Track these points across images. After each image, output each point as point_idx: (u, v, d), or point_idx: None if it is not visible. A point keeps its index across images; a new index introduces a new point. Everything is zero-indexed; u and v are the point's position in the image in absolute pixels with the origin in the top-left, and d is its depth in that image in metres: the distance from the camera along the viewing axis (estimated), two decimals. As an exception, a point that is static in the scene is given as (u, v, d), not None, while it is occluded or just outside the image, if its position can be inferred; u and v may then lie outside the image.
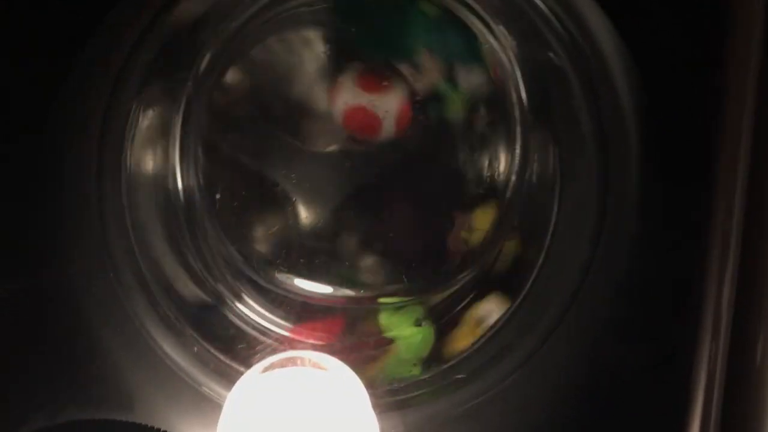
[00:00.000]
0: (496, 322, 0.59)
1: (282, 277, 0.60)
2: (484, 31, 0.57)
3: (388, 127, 0.57)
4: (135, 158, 0.55)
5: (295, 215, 0.59)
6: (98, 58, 0.52)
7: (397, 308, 0.61)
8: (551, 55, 0.54)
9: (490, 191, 0.59)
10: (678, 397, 0.52)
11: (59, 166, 0.52)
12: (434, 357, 0.59)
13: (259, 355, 0.59)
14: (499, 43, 0.57)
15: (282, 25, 0.58)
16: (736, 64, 0.48)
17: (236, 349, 0.59)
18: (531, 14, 0.53)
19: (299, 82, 0.58)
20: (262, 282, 0.60)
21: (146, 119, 0.56)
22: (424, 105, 0.58)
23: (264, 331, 0.61)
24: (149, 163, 0.58)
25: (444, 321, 0.61)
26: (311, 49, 0.58)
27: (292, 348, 0.59)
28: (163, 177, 0.59)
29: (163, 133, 0.58)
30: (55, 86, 0.51)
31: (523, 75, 0.57)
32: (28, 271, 0.52)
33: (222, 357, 0.57)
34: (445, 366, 0.59)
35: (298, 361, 0.53)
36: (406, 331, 0.60)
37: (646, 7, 0.49)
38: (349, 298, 0.61)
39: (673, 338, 0.52)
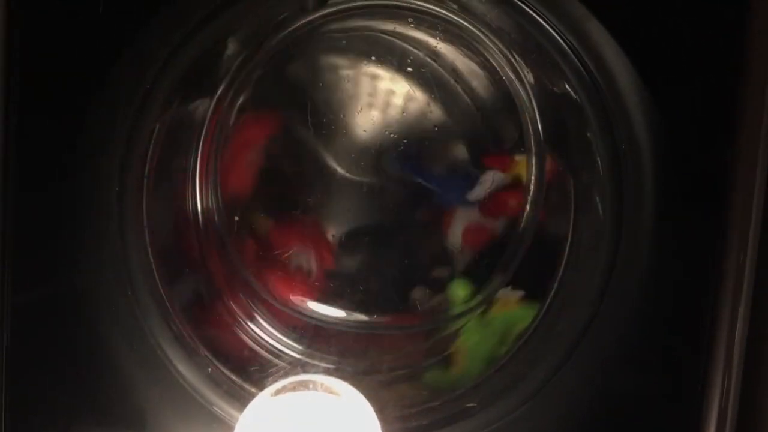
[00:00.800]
0: (507, 352, 0.59)
1: (296, 299, 0.61)
2: (503, 63, 0.58)
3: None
4: (156, 178, 0.56)
5: (312, 238, 0.60)
6: (125, 79, 0.53)
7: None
8: (567, 87, 0.54)
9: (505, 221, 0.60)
10: (689, 431, 0.52)
11: (82, 183, 0.53)
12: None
13: (271, 377, 0.59)
14: (516, 75, 0.58)
15: (305, 50, 0.60)
16: (751, 96, 0.49)
17: (249, 370, 0.59)
18: (548, 47, 0.53)
19: (323, 105, 0.59)
20: (276, 304, 0.61)
21: (169, 140, 0.57)
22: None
23: (277, 354, 0.61)
24: (170, 183, 0.59)
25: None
26: (338, 74, 0.59)
27: (304, 371, 0.60)
28: (183, 198, 0.60)
29: (184, 154, 0.60)
30: (82, 107, 0.52)
31: (539, 106, 0.58)
32: (48, 282, 0.53)
33: (235, 378, 0.58)
34: (455, 394, 0.59)
35: (310, 385, 0.54)
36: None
37: (661, 41, 0.50)
38: (362, 323, 0.61)
39: (685, 372, 0.52)
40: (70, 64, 0.52)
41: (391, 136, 0.59)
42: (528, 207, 0.59)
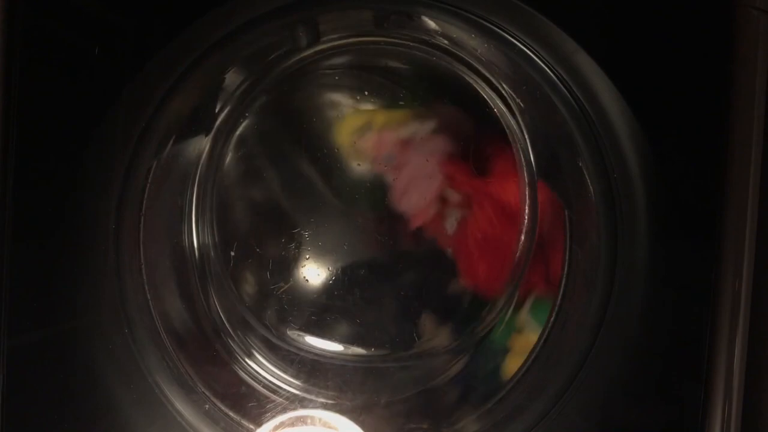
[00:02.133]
0: (507, 383, 0.58)
1: (293, 334, 0.61)
2: (493, 95, 0.59)
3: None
4: (152, 216, 0.57)
5: (308, 273, 0.60)
6: (121, 120, 0.53)
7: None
8: (558, 118, 0.55)
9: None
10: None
11: (79, 222, 0.53)
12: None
13: (269, 413, 0.59)
14: (507, 107, 0.59)
15: (298, 87, 0.60)
16: (740, 121, 0.49)
17: (247, 407, 0.58)
18: (538, 79, 0.54)
19: (317, 140, 0.60)
20: (273, 339, 0.61)
21: (165, 178, 0.57)
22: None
23: (275, 390, 0.61)
24: (167, 220, 0.60)
25: None
26: (332, 108, 0.60)
27: (303, 406, 0.59)
28: (179, 234, 0.60)
29: (180, 191, 0.60)
30: (79, 147, 0.52)
31: (530, 137, 0.59)
32: (45, 323, 0.53)
33: (233, 415, 0.57)
34: (456, 426, 0.59)
35: (308, 420, 0.53)
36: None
37: (649, 70, 0.51)
38: (360, 356, 0.61)
39: (685, 400, 0.52)
40: (66, 104, 0.52)
41: (385, 168, 0.59)
42: (522, 237, 0.59)
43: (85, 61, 0.52)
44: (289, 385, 0.61)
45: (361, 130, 0.59)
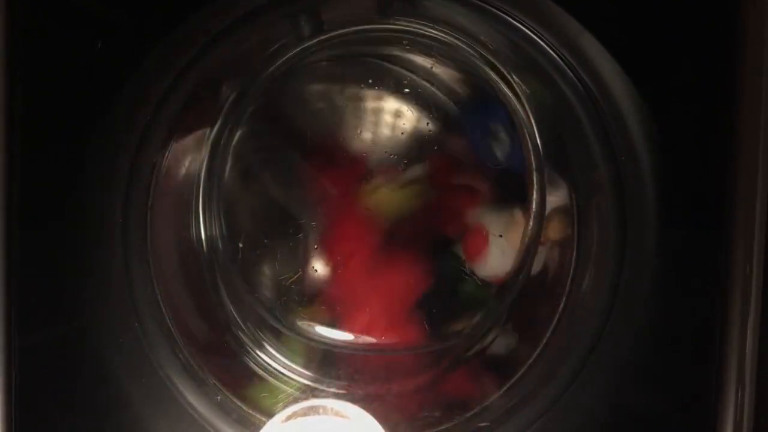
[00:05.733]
0: (518, 369, 0.58)
1: (303, 324, 0.61)
2: (499, 81, 0.59)
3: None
4: (160, 209, 0.56)
5: (317, 263, 0.60)
6: (125, 115, 0.53)
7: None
8: (564, 101, 0.54)
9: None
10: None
11: (86, 218, 0.54)
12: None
13: (281, 404, 0.59)
14: (513, 92, 0.58)
15: (302, 76, 0.60)
16: (748, 101, 0.48)
17: (258, 398, 0.59)
18: (543, 63, 0.53)
19: (322, 130, 0.60)
20: (283, 330, 0.61)
21: (171, 172, 0.57)
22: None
23: (286, 380, 0.61)
24: (173, 213, 0.60)
25: None
26: (335, 98, 0.60)
27: (314, 396, 0.59)
28: (187, 227, 0.60)
29: (187, 184, 0.60)
30: (82, 144, 0.53)
31: (537, 122, 0.58)
32: (54, 321, 0.53)
33: (244, 406, 0.57)
34: (468, 414, 0.59)
35: (320, 410, 0.53)
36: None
37: (655, 50, 0.50)
38: (370, 345, 0.61)
39: (697, 385, 0.51)
40: (70, 99, 0.52)
41: (391, 157, 0.59)
42: (531, 222, 0.59)
43: (87, 55, 0.52)
44: (300, 376, 0.61)
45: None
